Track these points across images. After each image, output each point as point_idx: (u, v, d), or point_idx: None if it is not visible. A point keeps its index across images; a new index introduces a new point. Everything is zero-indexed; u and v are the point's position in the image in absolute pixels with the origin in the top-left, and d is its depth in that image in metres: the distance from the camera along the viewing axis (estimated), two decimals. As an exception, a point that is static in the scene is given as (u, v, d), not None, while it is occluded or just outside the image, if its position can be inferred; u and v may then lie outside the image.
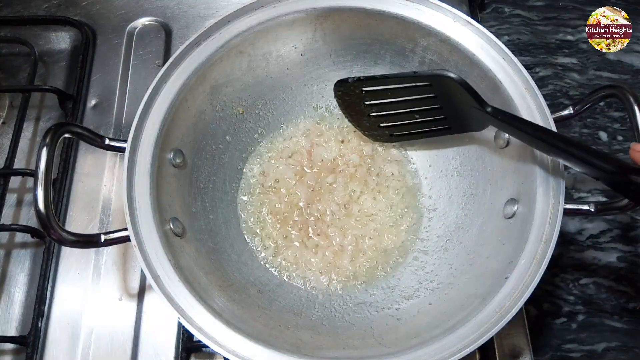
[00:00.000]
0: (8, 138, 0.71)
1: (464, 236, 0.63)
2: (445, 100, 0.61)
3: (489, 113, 0.56)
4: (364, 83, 0.63)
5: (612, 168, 0.45)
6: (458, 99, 0.58)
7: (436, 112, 0.63)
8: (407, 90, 0.62)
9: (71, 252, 0.67)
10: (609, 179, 0.46)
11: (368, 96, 0.64)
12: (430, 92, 0.61)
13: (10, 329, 0.64)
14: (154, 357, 0.62)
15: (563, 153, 0.49)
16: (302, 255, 0.65)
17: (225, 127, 0.67)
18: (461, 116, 0.61)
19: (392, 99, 0.63)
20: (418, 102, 0.62)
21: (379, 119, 0.67)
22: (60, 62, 0.80)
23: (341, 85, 0.65)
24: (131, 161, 0.55)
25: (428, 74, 0.61)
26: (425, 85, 0.60)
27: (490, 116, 0.55)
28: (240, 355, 0.48)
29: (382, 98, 0.64)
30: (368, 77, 0.63)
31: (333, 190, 0.69)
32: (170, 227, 0.55)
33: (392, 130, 0.68)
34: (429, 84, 0.60)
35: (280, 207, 0.68)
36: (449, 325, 0.50)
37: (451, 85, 0.57)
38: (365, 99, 0.65)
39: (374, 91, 0.64)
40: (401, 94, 0.62)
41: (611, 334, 0.67)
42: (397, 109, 0.64)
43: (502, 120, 0.55)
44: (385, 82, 0.62)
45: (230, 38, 0.62)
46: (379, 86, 0.63)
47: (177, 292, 0.50)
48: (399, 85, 0.62)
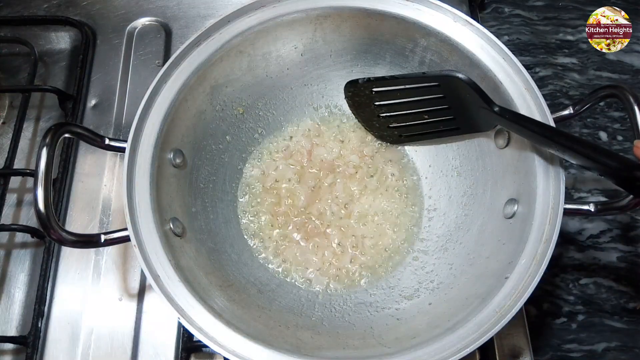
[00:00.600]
0: (8, 138, 0.71)
1: (464, 236, 0.63)
2: (453, 100, 0.62)
3: (496, 112, 0.57)
4: (374, 84, 0.65)
5: (617, 165, 0.46)
6: (466, 99, 0.60)
7: (445, 113, 0.64)
8: (416, 90, 0.63)
9: (71, 252, 0.67)
10: (614, 176, 0.47)
11: (378, 97, 0.66)
12: (439, 92, 0.62)
13: (10, 329, 0.64)
14: (154, 357, 0.62)
15: (569, 150, 0.49)
16: (302, 255, 0.65)
17: (225, 127, 0.67)
18: (469, 116, 0.62)
19: (402, 99, 0.65)
20: (427, 103, 0.64)
21: (389, 119, 0.68)
22: (60, 62, 0.80)
23: (351, 86, 0.67)
24: (131, 161, 0.55)
25: (437, 75, 0.62)
26: (434, 86, 0.62)
27: (497, 115, 0.56)
28: (240, 355, 0.48)
29: (391, 99, 0.65)
30: (378, 78, 0.64)
31: (333, 190, 0.69)
32: (170, 227, 0.55)
33: (401, 131, 0.69)
34: (437, 84, 0.61)
35: (280, 207, 0.68)
36: (449, 325, 0.50)
37: (459, 85, 0.59)
38: (375, 99, 0.66)
39: (383, 92, 0.65)
40: (410, 95, 0.64)
41: (611, 334, 0.67)
42: (406, 109, 0.66)
43: (509, 119, 0.56)
44: (395, 83, 0.63)
45: (230, 38, 0.62)
46: (388, 87, 0.64)
47: (177, 292, 0.50)
48: (408, 86, 0.63)
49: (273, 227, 0.67)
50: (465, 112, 0.62)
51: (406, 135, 0.69)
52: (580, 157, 0.49)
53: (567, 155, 0.51)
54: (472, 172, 0.66)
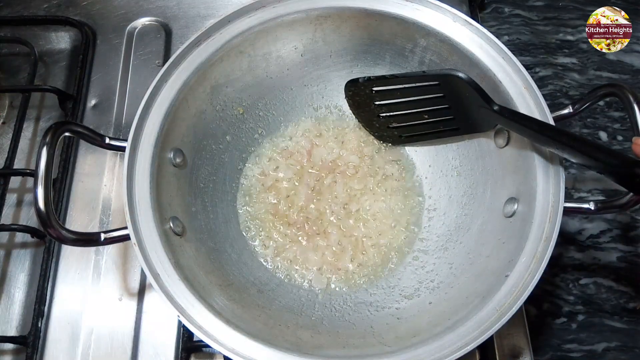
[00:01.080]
0: (8, 138, 0.71)
1: (464, 235, 0.63)
2: (453, 99, 0.62)
3: (496, 111, 0.57)
4: (374, 83, 0.65)
5: (617, 162, 0.47)
6: (466, 98, 0.60)
7: (444, 112, 0.64)
8: (416, 89, 0.63)
9: (71, 252, 0.67)
10: (614, 173, 0.47)
11: (378, 96, 0.66)
12: (439, 91, 0.62)
13: (10, 329, 0.64)
14: (154, 357, 0.62)
15: (569, 149, 0.50)
16: (302, 255, 0.65)
17: (225, 127, 0.67)
18: (469, 116, 0.62)
19: (402, 98, 0.65)
20: (427, 102, 0.64)
21: (389, 119, 0.68)
22: (60, 62, 0.80)
23: (352, 85, 0.67)
24: (131, 160, 0.55)
25: (437, 74, 0.62)
26: (434, 85, 0.62)
27: (497, 114, 0.57)
28: (240, 353, 0.48)
29: (391, 98, 0.65)
30: (378, 77, 0.65)
31: (333, 190, 0.69)
32: (170, 226, 0.55)
33: (401, 131, 0.69)
34: (437, 84, 0.62)
35: (280, 207, 0.68)
36: (449, 323, 0.50)
37: (459, 84, 0.59)
38: (375, 99, 0.66)
39: (383, 91, 0.65)
40: (410, 94, 0.64)
41: (611, 334, 0.67)
42: (406, 109, 0.66)
43: (508, 118, 0.56)
44: (395, 82, 0.64)
45: (231, 38, 0.62)
46: (388, 86, 0.64)
47: (177, 290, 0.50)
48: (408, 85, 0.63)
49: (273, 226, 0.67)
50: (465, 112, 0.62)
51: (406, 136, 0.69)
52: (580, 155, 0.49)
53: (566, 153, 0.51)
54: (472, 172, 0.66)
